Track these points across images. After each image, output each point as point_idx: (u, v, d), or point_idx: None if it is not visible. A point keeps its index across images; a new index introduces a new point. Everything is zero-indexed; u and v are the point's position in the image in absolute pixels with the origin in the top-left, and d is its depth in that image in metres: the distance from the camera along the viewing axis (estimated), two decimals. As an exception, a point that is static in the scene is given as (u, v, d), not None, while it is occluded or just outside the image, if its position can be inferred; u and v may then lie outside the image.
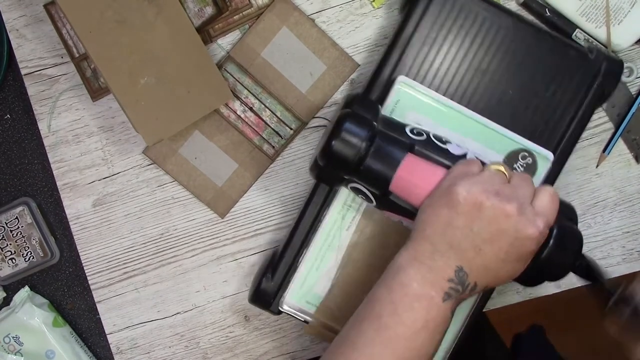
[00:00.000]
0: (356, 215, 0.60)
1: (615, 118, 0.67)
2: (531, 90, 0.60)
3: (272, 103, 0.67)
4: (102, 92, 0.66)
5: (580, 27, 0.64)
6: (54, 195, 0.69)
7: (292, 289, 0.61)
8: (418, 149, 0.53)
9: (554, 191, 0.49)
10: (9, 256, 0.69)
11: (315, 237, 0.60)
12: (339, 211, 0.60)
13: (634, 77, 0.66)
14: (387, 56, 0.59)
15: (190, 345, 0.69)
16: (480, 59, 0.60)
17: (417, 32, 0.59)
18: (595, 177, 0.67)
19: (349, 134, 0.51)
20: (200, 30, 0.64)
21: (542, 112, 0.60)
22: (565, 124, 0.60)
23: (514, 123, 0.59)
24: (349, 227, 0.60)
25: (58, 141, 0.67)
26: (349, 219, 0.60)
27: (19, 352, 0.68)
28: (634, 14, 0.63)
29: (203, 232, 0.68)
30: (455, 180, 0.47)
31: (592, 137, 0.67)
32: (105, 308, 0.68)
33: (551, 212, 0.48)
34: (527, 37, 0.59)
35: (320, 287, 0.61)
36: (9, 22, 0.67)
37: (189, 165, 0.67)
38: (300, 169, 0.68)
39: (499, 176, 0.48)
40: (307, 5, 0.66)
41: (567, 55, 0.60)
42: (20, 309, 0.68)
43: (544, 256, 0.51)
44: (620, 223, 0.67)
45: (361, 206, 0.60)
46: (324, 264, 0.61)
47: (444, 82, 0.59)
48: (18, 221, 0.69)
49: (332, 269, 0.60)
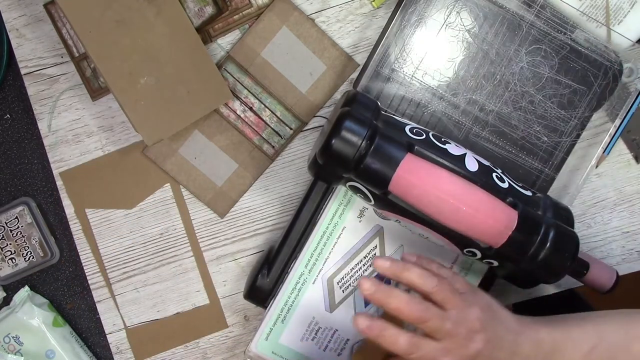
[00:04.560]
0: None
1: (615, 118, 0.67)
2: (530, 90, 0.60)
3: (272, 103, 0.67)
4: (102, 92, 0.67)
5: (580, 27, 0.64)
6: (54, 195, 0.69)
7: (257, 338, 0.61)
8: (418, 149, 0.53)
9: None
10: (9, 256, 0.69)
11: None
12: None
13: (634, 77, 0.66)
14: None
15: (190, 344, 0.69)
16: (474, 54, 0.60)
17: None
18: (595, 177, 0.67)
19: (349, 133, 0.51)
20: (200, 30, 0.64)
21: (542, 111, 0.60)
22: (566, 124, 0.60)
23: (511, 123, 0.59)
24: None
25: (58, 141, 0.68)
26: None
27: (19, 352, 0.68)
28: (634, 14, 0.63)
29: (203, 232, 0.68)
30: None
31: (592, 137, 0.67)
32: (105, 308, 0.68)
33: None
34: (524, 35, 0.59)
35: (286, 338, 0.61)
36: (9, 21, 0.67)
37: (189, 165, 0.67)
38: (300, 168, 0.68)
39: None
40: (307, 5, 0.66)
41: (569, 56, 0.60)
42: (20, 308, 0.68)
43: (540, 259, 0.51)
44: (620, 223, 0.67)
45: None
46: (290, 314, 0.61)
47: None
48: (18, 221, 0.69)
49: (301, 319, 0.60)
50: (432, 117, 0.63)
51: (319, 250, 0.61)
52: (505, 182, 0.55)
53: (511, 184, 0.56)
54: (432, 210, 0.51)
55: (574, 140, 0.62)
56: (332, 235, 0.61)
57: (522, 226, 0.51)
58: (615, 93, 0.64)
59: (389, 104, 0.63)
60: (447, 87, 0.62)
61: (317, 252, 0.61)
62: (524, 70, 0.60)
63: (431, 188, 0.50)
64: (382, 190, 0.52)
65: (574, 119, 0.62)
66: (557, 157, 0.63)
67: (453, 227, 0.52)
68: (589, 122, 0.62)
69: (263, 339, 0.61)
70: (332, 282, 0.62)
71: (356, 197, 0.59)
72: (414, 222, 0.54)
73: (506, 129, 0.62)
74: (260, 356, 0.61)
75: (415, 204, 0.51)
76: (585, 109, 0.61)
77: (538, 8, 0.64)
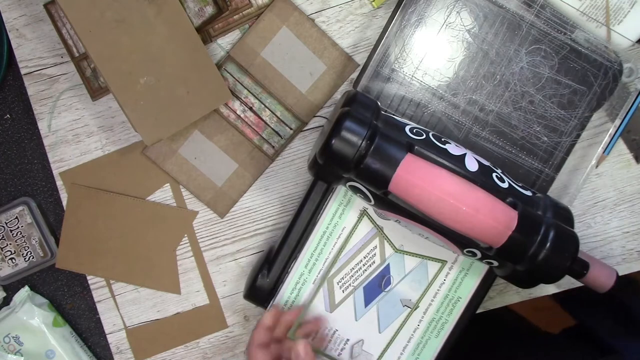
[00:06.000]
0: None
1: (615, 118, 0.67)
2: (530, 90, 0.60)
3: (272, 103, 0.67)
4: (102, 92, 0.67)
5: (580, 27, 0.64)
6: (54, 195, 0.69)
7: None
8: (418, 149, 0.53)
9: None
10: (9, 256, 0.69)
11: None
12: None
13: (634, 77, 0.66)
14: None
15: (190, 344, 0.69)
16: (474, 54, 0.60)
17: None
18: (595, 177, 0.67)
19: (349, 133, 0.51)
20: (200, 30, 0.64)
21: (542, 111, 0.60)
22: (566, 124, 0.60)
23: (511, 123, 0.59)
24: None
25: (58, 141, 0.68)
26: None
27: (19, 352, 0.68)
28: (634, 14, 0.63)
29: (203, 232, 0.68)
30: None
31: (592, 137, 0.67)
32: (105, 308, 0.68)
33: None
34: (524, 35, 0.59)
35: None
36: (9, 21, 0.67)
37: (189, 165, 0.67)
38: (299, 168, 0.68)
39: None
40: (307, 5, 0.66)
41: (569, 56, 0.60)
42: (20, 308, 0.68)
43: (540, 259, 0.51)
44: (620, 223, 0.67)
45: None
46: None
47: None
48: (18, 221, 0.69)
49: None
50: (432, 117, 0.63)
51: (319, 250, 0.61)
52: (505, 182, 0.55)
53: (511, 184, 0.56)
54: (432, 210, 0.51)
55: (574, 140, 0.62)
56: (332, 235, 0.61)
57: (522, 226, 0.51)
58: (615, 93, 0.64)
59: (389, 104, 0.63)
60: (447, 87, 0.62)
61: (317, 252, 0.61)
62: (524, 70, 0.60)
63: (431, 188, 0.50)
64: (382, 190, 0.52)
65: (574, 119, 0.62)
66: (557, 157, 0.63)
67: (453, 227, 0.52)
68: (589, 122, 0.62)
69: None
70: (332, 282, 0.62)
71: (356, 197, 0.59)
72: (414, 222, 0.54)
73: (506, 129, 0.62)
74: None
75: (415, 204, 0.51)
76: (585, 109, 0.61)
77: (538, 8, 0.64)
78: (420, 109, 0.63)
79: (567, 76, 0.62)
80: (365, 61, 0.62)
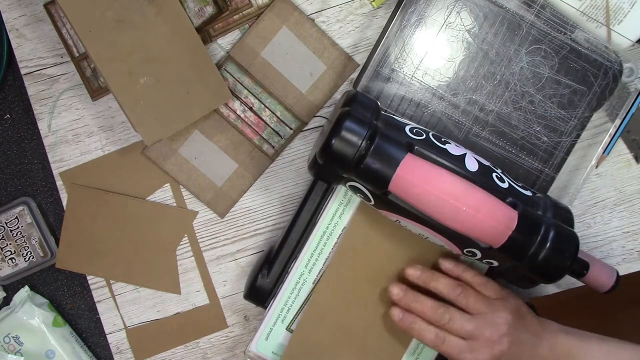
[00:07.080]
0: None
1: (615, 118, 0.67)
2: (530, 90, 0.60)
3: (272, 103, 0.67)
4: (102, 92, 0.67)
5: (580, 27, 0.64)
6: (54, 195, 0.69)
7: (257, 338, 0.61)
8: (418, 149, 0.53)
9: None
10: (9, 256, 0.69)
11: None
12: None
13: (634, 77, 0.66)
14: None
15: (189, 344, 0.69)
16: (474, 54, 0.60)
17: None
18: (595, 177, 0.67)
19: (349, 133, 0.51)
20: (200, 30, 0.64)
21: (542, 111, 0.60)
22: (566, 124, 0.60)
23: (511, 124, 0.59)
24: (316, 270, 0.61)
25: (58, 141, 0.68)
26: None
27: (19, 352, 0.68)
28: (634, 14, 0.63)
29: (202, 232, 0.68)
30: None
31: (592, 137, 0.67)
32: (105, 308, 0.68)
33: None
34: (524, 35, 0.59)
35: (287, 338, 0.61)
36: (9, 21, 0.67)
37: (189, 165, 0.67)
38: (300, 168, 0.68)
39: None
40: (307, 5, 0.66)
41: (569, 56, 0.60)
42: (20, 308, 0.68)
43: (540, 259, 0.51)
44: (620, 223, 0.67)
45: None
46: (290, 314, 0.61)
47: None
48: (18, 221, 0.69)
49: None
50: (432, 117, 0.63)
51: (319, 250, 0.61)
52: (505, 182, 0.55)
53: (511, 184, 0.56)
54: (432, 210, 0.51)
55: (574, 140, 0.62)
56: (332, 235, 0.61)
57: (522, 226, 0.51)
58: (615, 93, 0.64)
59: (389, 104, 0.63)
60: (447, 87, 0.62)
61: (317, 252, 0.61)
62: (524, 70, 0.60)
63: (431, 188, 0.50)
64: (382, 190, 0.52)
65: (574, 119, 0.62)
66: (557, 157, 0.63)
67: (453, 227, 0.52)
68: (589, 122, 0.62)
69: (263, 339, 0.61)
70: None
71: (356, 197, 0.59)
72: (414, 222, 0.54)
73: (506, 129, 0.62)
74: (260, 356, 0.61)
75: (415, 204, 0.51)
76: (585, 109, 0.61)
77: (538, 8, 0.64)
78: (420, 109, 0.63)
79: (567, 76, 0.62)
80: (365, 61, 0.62)
